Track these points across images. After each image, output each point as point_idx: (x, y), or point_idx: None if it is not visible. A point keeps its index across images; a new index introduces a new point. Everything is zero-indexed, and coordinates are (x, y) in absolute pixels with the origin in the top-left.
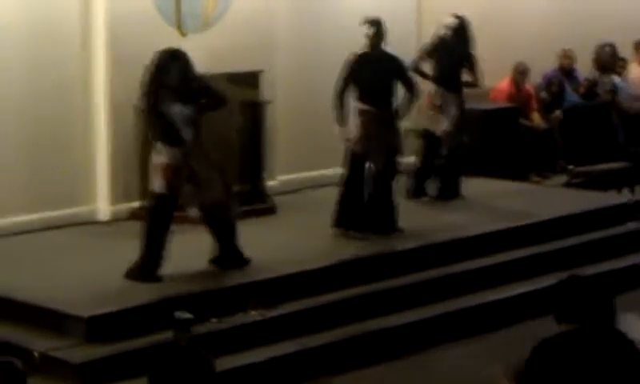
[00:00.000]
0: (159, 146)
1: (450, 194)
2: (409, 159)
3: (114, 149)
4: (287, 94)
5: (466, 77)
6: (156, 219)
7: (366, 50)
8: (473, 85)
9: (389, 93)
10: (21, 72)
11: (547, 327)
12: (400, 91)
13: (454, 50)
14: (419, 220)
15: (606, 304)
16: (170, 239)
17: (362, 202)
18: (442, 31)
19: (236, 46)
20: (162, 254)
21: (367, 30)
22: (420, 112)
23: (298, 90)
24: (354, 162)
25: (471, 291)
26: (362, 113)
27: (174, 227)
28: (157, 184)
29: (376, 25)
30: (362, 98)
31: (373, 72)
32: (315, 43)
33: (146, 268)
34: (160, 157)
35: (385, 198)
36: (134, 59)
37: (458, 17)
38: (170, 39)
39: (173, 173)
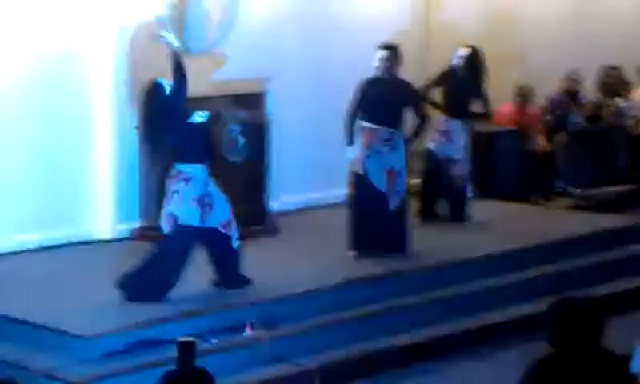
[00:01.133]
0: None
1: (459, 216)
2: (416, 181)
3: (115, 169)
4: (292, 115)
5: (476, 107)
6: (177, 246)
7: (377, 75)
8: (483, 116)
9: (395, 115)
10: (26, 94)
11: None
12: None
13: (463, 80)
14: (425, 241)
15: (595, 325)
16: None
17: (369, 223)
18: (455, 61)
19: (240, 68)
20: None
21: (379, 55)
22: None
23: (302, 111)
24: (357, 182)
25: (476, 312)
26: (364, 131)
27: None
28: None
29: (389, 50)
30: (367, 117)
31: (382, 95)
32: (321, 65)
33: (157, 289)
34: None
35: (391, 219)
36: (137, 81)
37: (470, 46)
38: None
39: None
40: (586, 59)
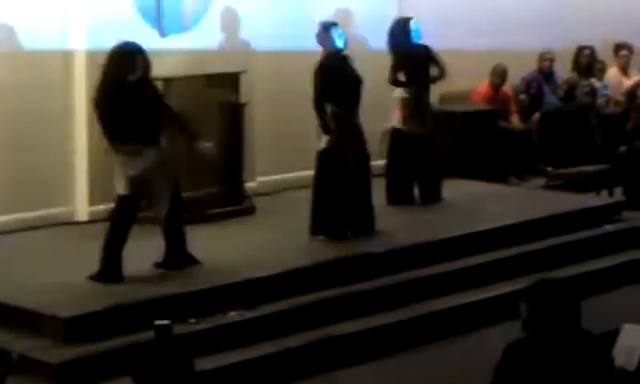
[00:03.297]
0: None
1: (431, 197)
2: (382, 161)
3: (92, 150)
4: (266, 96)
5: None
6: (119, 221)
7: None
8: (440, 77)
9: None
10: (1, 75)
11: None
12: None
13: (416, 49)
14: (398, 221)
15: (572, 306)
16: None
17: (338, 205)
18: None
19: (215, 48)
20: (121, 256)
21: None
22: (389, 113)
23: (277, 91)
24: (325, 161)
25: (449, 293)
26: (334, 115)
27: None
28: (120, 186)
29: (327, 28)
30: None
31: (342, 76)
32: (295, 45)
33: (110, 269)
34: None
35: (362, 199)
36: None
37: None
38: (150, 40)
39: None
40: (560, 39)
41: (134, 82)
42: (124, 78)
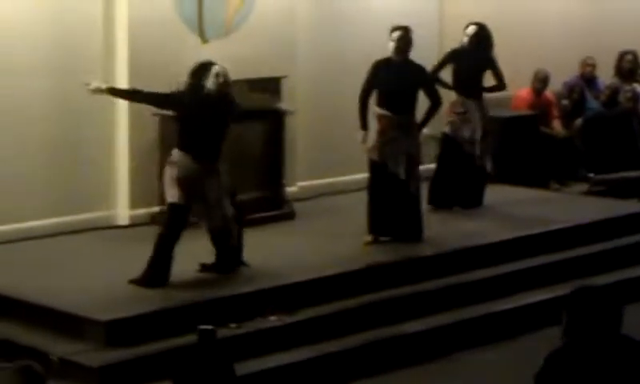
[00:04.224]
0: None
1: (474, 202)
2: (430, 166)
3: (134, 154)
4: (308, 101)
5: (489, 82)
6: (169, 228)
7: (390, 57)
8: (497, 88)
9: (410, 100)
10: (44, 78)
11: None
12: (422, 101)
13: (472, 57)
14: (440, 227)
15: (613, 313)
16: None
17: (388, 209)
18: (463, 39)
19: (257, 53)
20: (171, 263)
21: (393, 36)
22: (440, 118)
23: (318, 96)
24: (374, 169)
25: (491, 298)
26: (380, 118)
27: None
28: (170, 193)
29: (402, 31)
30: (382, 103)
31: (395, 78)
32: (337, 50)
33: (156, 275)
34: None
35: (410, 206)
36: (155, 66)
37: (477, 24)
38: (192, 46)
39: (187, 184)
40: (602, 44)
41: (214, 92)
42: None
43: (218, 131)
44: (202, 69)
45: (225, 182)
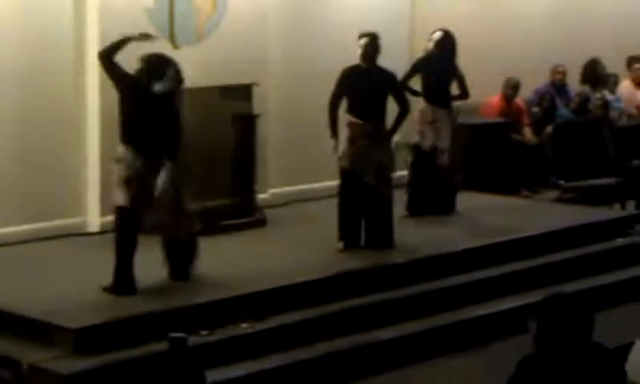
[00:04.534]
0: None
1: (446, 209)
2: (401, 173)
3: (104, 161)
4: (279, 107)
5: (454, 90)
6: (120, 234)
7: (359, 63)
8: (461, 97)
9: (380, 107)
10: (12, 83)
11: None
12: (392, 108)
13: (440, 66)
14: (412, 235)
15: (584, 320)
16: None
17: (359, 217)
18: (429, 46)
19: (228, 59)
20: (132, 268)
21: (361, 43)
22: (412, 126)
23: (289, 102)
24: (345, 177)
25: (461, 306)
26: (349, 125)
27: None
28: (116, 195)
29: (370, 37)
30: (351, 110)
31: (364, 85)
32: (309, 55)
33: (120, 283)
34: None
35: (380, 213)
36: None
37: (442, 30)
38: (163, 51)
39: (134, 184)
40: (572, 51)
41: (162, 92)
42: (151, 86)
43: (162, 124)
44: (158, 67)
45: (177, 180)
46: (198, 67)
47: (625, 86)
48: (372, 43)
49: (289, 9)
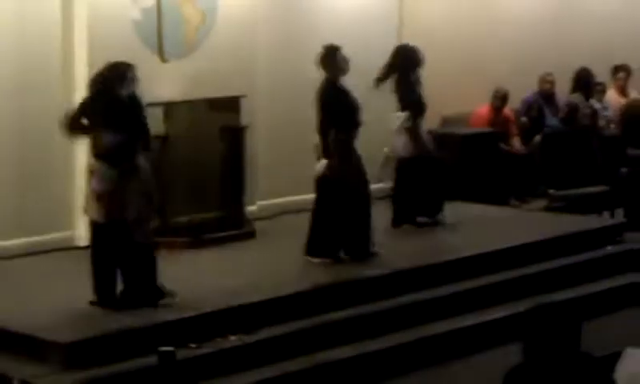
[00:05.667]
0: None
1: (435, 211)
2: (387, 184)
3: None
4: (267, 120)
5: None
6: (95, 249)
7: (334, 80)
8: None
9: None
10: (1, 98)
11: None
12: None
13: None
14: (399, 245)
15: (572, 329)
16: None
17: (338, 228)
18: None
19: (217, 72)
20: (113, 282)
21: (337, 58)
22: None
23: (278, 115)
24: (324, 186)
25: (448, 316)
26: (335, 141)
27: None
28: (91, 210)
29: (338, 51)
30: (335, 125)
31: (346, 99)
32: (298, 68)
33: (101, 298)
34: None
35: (360, 223)
36: None
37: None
38: (151, 65)
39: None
40: (559, 60)
41: (126, 97)
42: (115, 91)
43: (132, 126)
44: (118, 75)
45: (146, 187)
46: (186, 80)
47: (611, 94)
48: (344, 56)
49: (278, 21)
